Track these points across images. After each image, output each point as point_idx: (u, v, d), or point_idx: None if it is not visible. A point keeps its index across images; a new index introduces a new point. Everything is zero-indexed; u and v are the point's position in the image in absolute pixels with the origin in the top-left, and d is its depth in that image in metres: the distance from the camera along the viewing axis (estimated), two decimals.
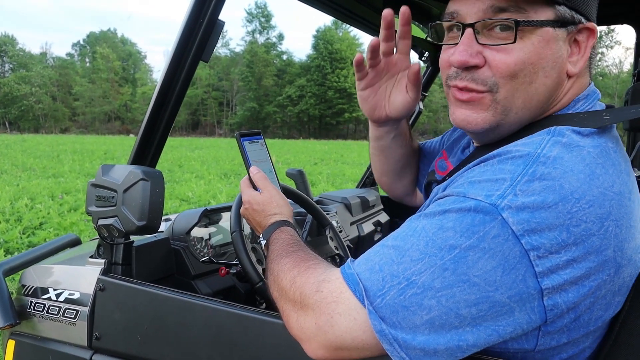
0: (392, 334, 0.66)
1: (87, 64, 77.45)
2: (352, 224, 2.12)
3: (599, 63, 61.65)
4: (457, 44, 0.76)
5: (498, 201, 0.64)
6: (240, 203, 1.21)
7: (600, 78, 59.06)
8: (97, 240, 1.59)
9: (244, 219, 1.14)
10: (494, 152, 0.73)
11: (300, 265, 0.81)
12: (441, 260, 0.64)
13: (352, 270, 0.72)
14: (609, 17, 1.94)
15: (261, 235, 1.03)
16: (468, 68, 0.75)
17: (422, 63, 2.37)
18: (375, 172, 1.23)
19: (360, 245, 2.06)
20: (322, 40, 65.74)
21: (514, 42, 0.71)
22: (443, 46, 0.82)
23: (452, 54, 0.77)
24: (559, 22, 0.72)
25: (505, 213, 0.63)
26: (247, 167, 1.11)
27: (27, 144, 24.93)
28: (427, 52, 2.26)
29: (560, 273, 0.63)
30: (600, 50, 60.82)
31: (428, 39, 1.97)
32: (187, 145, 29.23)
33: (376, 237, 2.27)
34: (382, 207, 2.53)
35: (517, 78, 0.73)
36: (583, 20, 0.74)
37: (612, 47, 61.05)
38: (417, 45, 2.19)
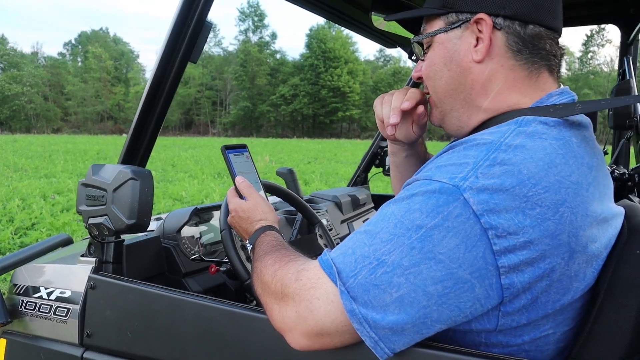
0: (362, 313, 0.70)
1: (79, 64, 76.96)
2: (342, 222, 2.14)
3: (591, 62, 62.04)
4: None
5: (461, 182, 0.69)
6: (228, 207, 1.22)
7: (592, 77, 59.50)
8: (89, 239, 1.60)
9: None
10: (461, 139, 0.79)
11: (282, 260, 0.85)
12: (409, 239, 0.69)
13: (327, 256, 0.76)
14: (594, 17, 1.97)
15: (247, 241, 1.06)
16: (419, 79, 0.94)
17: (411, 62, 2.40)
18: (392, 186, 1.26)
19: None
20: (315, 39, 65.75)
21: (421, 57, 0.92)
22: None
23: None
24: (449, 26, 0.86)
25: (467, 194, 0.67)
26: (233, 177, 1.15)
27: (18, 144, 24.75)
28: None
29: (516, 253, 0.67)
30: (591, 49, 61.20)
31: None
32: (180, 144, 29.14)
33: None
34: (372, 205, 2.55)
35: (430, 78, 0.90)
36: (469, 16, 0.83)
37: (603, 46, 61.51)
38: (406, 44, 2.21)
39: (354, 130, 69.94)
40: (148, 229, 1.18)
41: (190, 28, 1.04)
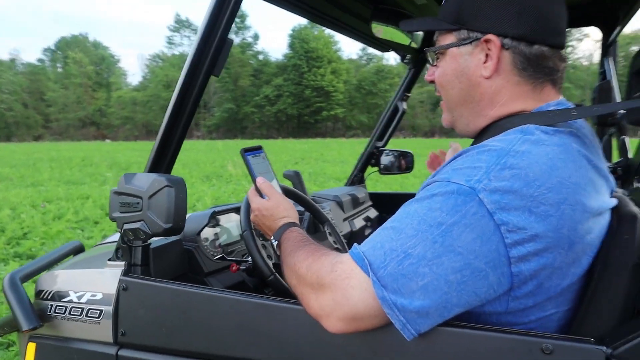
0: (392, 299, 0.79)
1: (59, 70, 75.85)
2: (344, 220, 2.23)
3: (570, 55, 63.06)
4: None
5: (476, 185, 0.78)
6: (248, 204, 1.31)
7: (572, 70, 60.49)
8: (98, 248, 1.67)
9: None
10: (474, 145, 0.88)
11: (315, 254, 0.94)
12: (432, 235, 0.78)
13: (358, 250, 0.85)
14: (577, 20, 2.09)
15: (272, 237, 1.15)
16: (432, 82, 1.02)
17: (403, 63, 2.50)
18: None
19: (353, 239, 2.17)
20: (297, 39, 65.77)
21: (433, 63, 1.00)
22: None
23: None
24: (460, 42, 0.94)
25: (482, 194, 0.77)
26: (253, 178, 1.23)
27: (0, 153, 24.38)
28: (408, 55, 2.39)
29: (525, 245, 0.77)
30: (570, 44, 62.25)
31: (412, 44, 2.10)
32: None
33: (367, 232, 2.38)
34: (370, 203, 2.64)
35: (443, 86, 0.99)
36: (479, 35, 0.91)
37: (581, 40, 62.58)
38: (400, 49, 2.32)
39: (338, 129, 70.11)
40: None
41: (214, 45, 1.12)
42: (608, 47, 2.15)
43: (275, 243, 1.12)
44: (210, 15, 1.10)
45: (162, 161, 1.21)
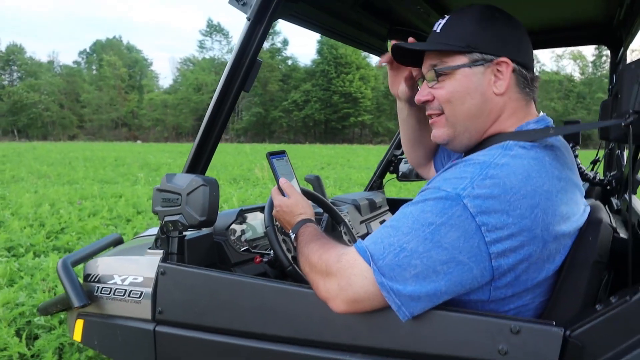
0: (389, 284, 0.95)
1: (94, 72, 78.16)
2: (361, 222, 2.38)
3: (604, 65, 61.70)
4: None
5: (461, 192, 0.93)
6: (272, 205, 1.48)
7: (606, 80, 59.07)
8: (137, 239, 1.86)
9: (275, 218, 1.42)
10: (462, 158, 1.04)
11: (325, 246, 1.11)
12: (423, 232, 0.93)
13: (361, 244, 1.01)
14: (587, 38, 2.20)
15: (291, 231, 1.32)
16: (425, 102, 1.12)
17: None
18: (402, 142, 1.56)
19: None
20: (326, 45, 66.11)
21: (437, 81, 1.07)
22: None
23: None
24: (473, 63, 1.04)
25: (466, 200, 0.92)
26: (277, 178, 1.41)
27: (37, 152, 25.32)
28: None
29: (503, 243, 0.91)
30: (604, 52, 60.92)
31: None
32: None
33: None
34: (387, 207, 2.79)
35: (451, 102, 1.07)
36: (494, 57, 1.04)
37: None
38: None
39: (365, 136, 70.11)
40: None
41: (245, 65, 1.30)
42: (617, 65, 2.25)
43: (293, 236, 1.29)
44: (242, 39, 1.28)
45: (198, 163, 1.39)
